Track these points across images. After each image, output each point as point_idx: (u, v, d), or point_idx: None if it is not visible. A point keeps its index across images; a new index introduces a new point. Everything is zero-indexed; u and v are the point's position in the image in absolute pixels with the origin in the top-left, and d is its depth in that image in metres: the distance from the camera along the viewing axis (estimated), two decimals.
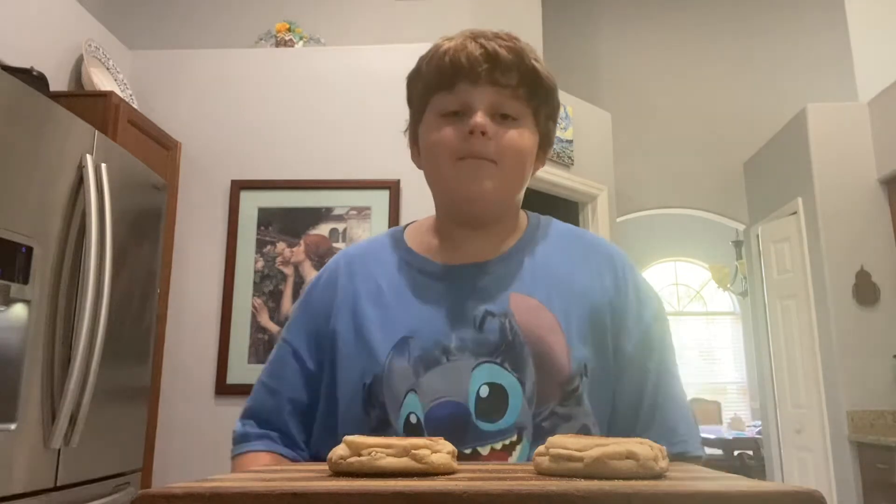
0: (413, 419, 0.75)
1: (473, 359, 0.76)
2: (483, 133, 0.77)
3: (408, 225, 0.92)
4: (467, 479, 0.52)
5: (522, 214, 0.90)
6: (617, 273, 0.84)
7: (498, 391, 0.75)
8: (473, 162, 0.78)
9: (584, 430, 0.76)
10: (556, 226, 0.90)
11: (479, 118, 0.77)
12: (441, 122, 0.80)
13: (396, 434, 0.75)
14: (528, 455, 0.73)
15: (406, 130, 0.90)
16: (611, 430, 0.81)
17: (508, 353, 0.76)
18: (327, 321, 0.84)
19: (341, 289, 0.85)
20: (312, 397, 0.84)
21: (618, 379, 0.81)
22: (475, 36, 0.80)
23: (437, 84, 0.81)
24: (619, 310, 0.82)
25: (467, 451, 0.73)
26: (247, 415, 0.87)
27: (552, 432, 0.73)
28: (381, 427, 0.76)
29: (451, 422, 0.74)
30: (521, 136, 0.80)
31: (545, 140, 0.86)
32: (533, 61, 0.80)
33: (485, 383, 0.75)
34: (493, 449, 0.73)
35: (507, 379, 0.75)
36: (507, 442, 0.74)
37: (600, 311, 0.81)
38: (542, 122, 0.84)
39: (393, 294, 0.82)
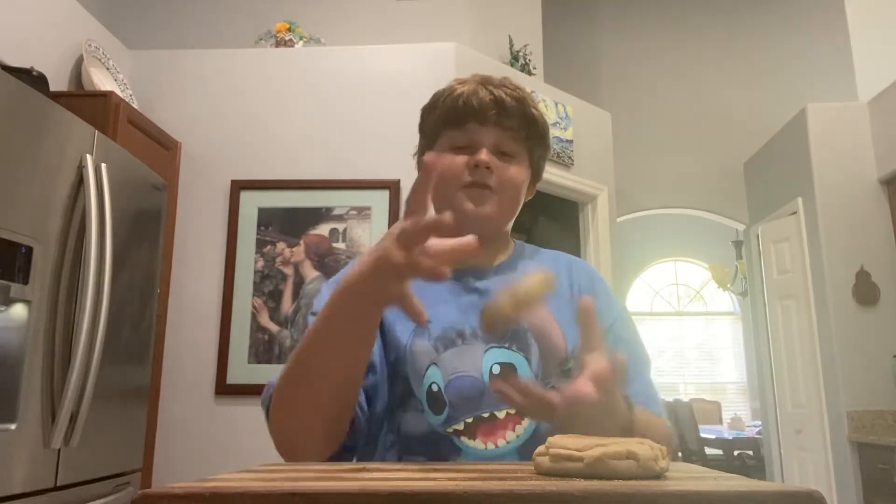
0: (434, 388, 0.85)
1: (484, 344, 0.88)
2: (487, 168, 0.90)
3: None
4: (467, 479, 0.52)
5: (510, 240, 1.04)
6: (593, 281, 1.00)
7: (509, 368, 0.87)
8: (477, 189, 0.91)
9: None
10: (539, 249, 1.06)
11: (485, 155, 0.91)
12: (450, 153, 0.93)
13: (418, 403, 0.85)
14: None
15: (414, 154, 1.02)
16: None
17: (515, 339, 0.89)
18: None
19: None
20: None
21: None
22: (485, 83, 0.94)
23: (451, 122, 0.94)
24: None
25: (485, 415, 0.84)
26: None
27: None
28: (406, 398, 0.86)
29: (470, 390, 0.85)
30: (518, 172, 0.94)
31: (536, 174, 1.01)
32: (532, 109, 0.96)
33: (497, 363, 0.87)
34: (508, 413, 0.84)
35: (515, 358, 0.88)
36: None
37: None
38: (536, 160, 0.99)
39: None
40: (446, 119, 0.94)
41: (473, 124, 0.92)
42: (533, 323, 0.89)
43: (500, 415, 0.84)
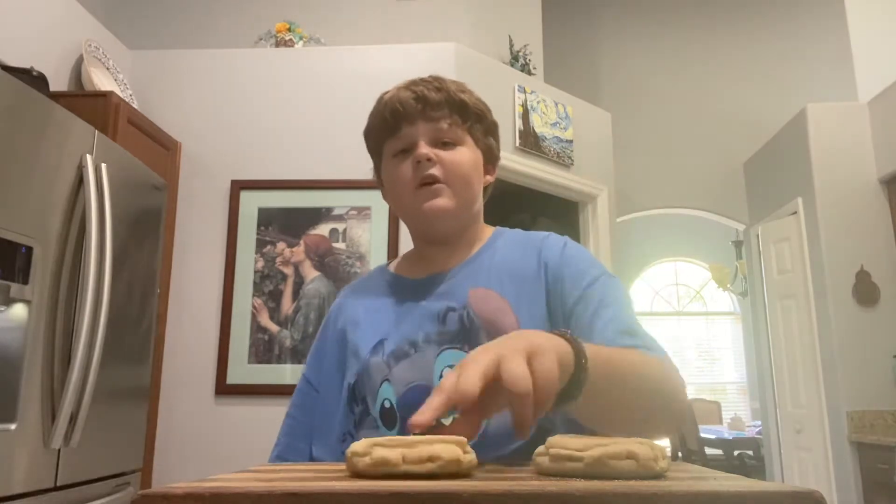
0: (387, 404, 0.86)
1: (437, 347, 0.87)
2: (428, 160, 0.90)
3: (393, 261, 1.07)
4: (468, 478, 0.52)
5: (488, 228, 1.02)
6: (537, 250, 0.93)
7: None
8: (427, 187, 0.90)
9: None
10: (514, 232, 1.01)
11: (422, 149, 0.91)
12: (395, 161, 0.94)
13: (375, 420, 0.86)
14: (486, 423, 0.79)
15: (373, 176, 1.04)
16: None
17: (467, 338, 0.87)
18: (326, 349, 1.00)
19: (334, 322, 1.01)
20: None
21: (571, 316, 0.86)
22: (408, 85, 0.95)
23: (384, 131, 0.95)
24: (558, 282, 0.89)
25: (432, 424, 0.80)
26: (277, 447, 0.99)
27: None
28: (363, 417, 0.88)
29: (418, 401, 0.83)
30: (462, 155, 0.93)
31: (489, 154, 0.99)
32: (458, 94, 0.94)
33: (448, 366, 0.85)
34: (455, 418, 0.80)
35: None
36: None
37: (535, 286, 0.90)
38: (481, 138, 0.97)
39: (374, 311, 0.96)
40: (381, 130, 0.95)
41: (405, 126, 0.92)
42: (486, 318, 0.87)
43: (447, 422, 0.82)
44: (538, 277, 0.90)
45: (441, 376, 0.84)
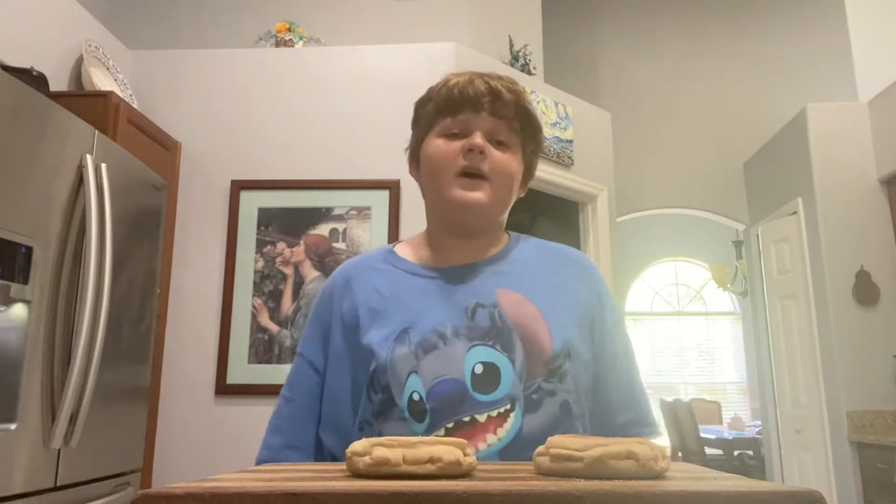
0: (416, 397, 0.83)
1: (467, 342, 0.86)
2: (481, 152, 0.89)
3: (396, 244, 1.03)
4: (468, 478, 0.52)
5: (504, 233, 1.02)
6: (593, 281, 0.99)
7: (491, 368, 0.85)
8: (469, 178, 0.90)
9: (566, 406, 0.86)
10: (535, 240, 1.04)
11: (478, 139, 0.90)
12: (442, 140, 0.93)
13: (401, 412, 0.83)
14: (521, 423, 0.82)
15: (407, 148, 1.01)
16: (598, 413, 0.94)
17: (499, 337, 0.87)
18: (329, 330, 0.95)
19: (338, 300, 0.97)
20: None
21: (608, 369, 0.94)
22: (482, 75, 0.95)
23: (445, 110, 0.93)
24: (599, 315, 0.96)
25: (465, 419, 0.82)
26: (270, 429, 0.95)
27: (540, 404, 0.84)
28: (386, 408, 0.85)
29: (450, 395, 0.83)
30: (511, 160, 0.94)
31: (528, 172, 1.00)
32: (527, 103, 0.96)
33: (479, 362, 0.85)
34: (489, 416, 0.82)
35: (498, 358, 0.85)
36: (501, 410, 0.82)
37: (583, 311, 0.94)
38: (528, 155, 0.98)
39: (390, 295, 0.93)
40: (441, 108, 0.94)
41: (468, 112, 0.92)
42: (518, 322, 0.88)
43: (481, 418, 0.82)
44: (586, 301, 0.95)
45: (473, 372, 0.84)
